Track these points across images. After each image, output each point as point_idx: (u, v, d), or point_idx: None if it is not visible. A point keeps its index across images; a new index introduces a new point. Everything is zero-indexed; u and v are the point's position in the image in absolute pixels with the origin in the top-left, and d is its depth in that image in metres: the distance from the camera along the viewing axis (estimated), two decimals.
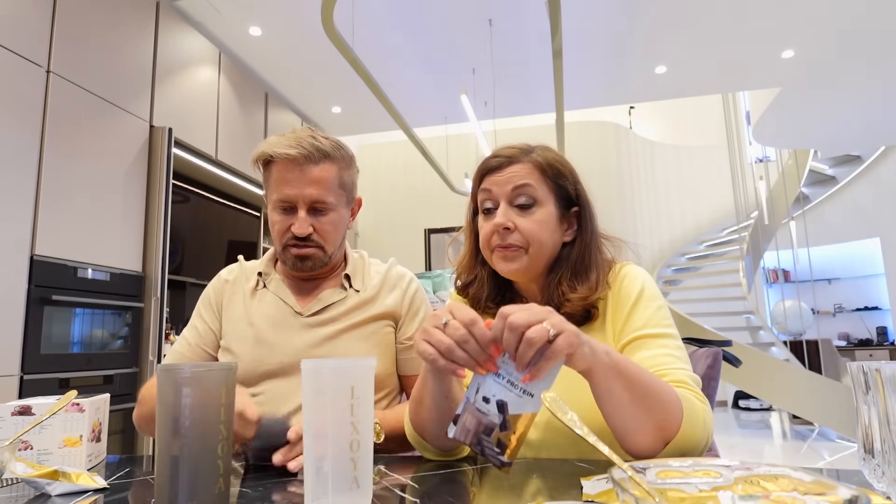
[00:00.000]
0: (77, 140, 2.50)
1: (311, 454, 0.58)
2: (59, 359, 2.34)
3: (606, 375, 0.70)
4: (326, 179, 1.06)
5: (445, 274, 3.18)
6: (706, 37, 4.14)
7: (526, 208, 0.92)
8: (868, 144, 7.25)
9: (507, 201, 0.92)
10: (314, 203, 1.06)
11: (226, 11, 3.59)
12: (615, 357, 0.71)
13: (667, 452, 0.73)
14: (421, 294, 1.21)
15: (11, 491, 0.72)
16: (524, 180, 0.92)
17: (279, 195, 1.06)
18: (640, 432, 0.71)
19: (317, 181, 1.05)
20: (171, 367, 0.61)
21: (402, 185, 6.92)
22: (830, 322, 8.42)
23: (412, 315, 1.17)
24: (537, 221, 0.91)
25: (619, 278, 0.93)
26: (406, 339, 1.16)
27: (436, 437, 0.82)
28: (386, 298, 1.16)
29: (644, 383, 0.72)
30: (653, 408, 0.71)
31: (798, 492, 0.42)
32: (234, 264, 1.23)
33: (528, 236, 0.91)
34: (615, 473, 0.44)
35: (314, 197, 1.05)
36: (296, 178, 1.05)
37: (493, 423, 0.68)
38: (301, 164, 1.05)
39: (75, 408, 0.83)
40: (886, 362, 0.50)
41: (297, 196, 1.05)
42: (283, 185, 1.05)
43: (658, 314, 0.89)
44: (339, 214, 1.10)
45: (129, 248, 2.75)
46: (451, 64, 4.40)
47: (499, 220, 0.91)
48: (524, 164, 0.93)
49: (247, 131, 3.92)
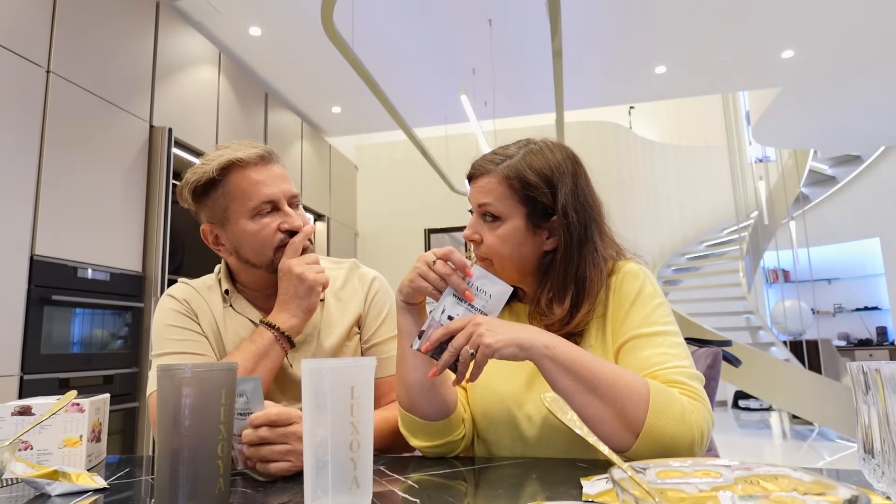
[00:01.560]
0: (77, 140, 2.50)
1: (312, 454, 0.58)
2: (59, 359, 2.34)
3: (547, 368, 0.77)
4: (289, 176, 1.07)
5: None
6: (706, 37, 4.14)
7: (492, 222, 0.92)
8: (868, 144, 7.25)
9: (477, 213, 0.93)
10: (293, 197, 1.05)
11: (226, 11, 3.59)
12: (557, 350, 0.76)
13: (644, 447, 0.73)
14: (384, 294, 1.16)
15: (11, 491, 0.72)
16: (486, 198, 0.91)
17: (259, 199, 1.01)
18: (601, 423, 0.74)
19: (287, 177, 1.06)
20: (171, 367, 0.61)
21: (402, 185, 6.92)
22: (830, 322, 8.42)
23: (375, 315, 1.12)
24: (499, 237, 0.91)
25: (620, 277, 0.92)
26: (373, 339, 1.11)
27: (423, 399, 0.87)
28: (351, 300, 1.12)
29: (595, 375, 0.75)
30: (607, 397, 0.74)
31: (798, 492, 0.42)
32: (177, 286, 1.12)
33: (490, 250, 0.92)
34: (615, 473, 0.44)
35: (291, 191, 1.05)
36: (269, 178, 1.02)
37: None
38: (268, 161, 1.03)
39: (75, 408, 0.83)
40: (886, 362, 0.50)
41: (279, 192, 1.02)
42: (260, 187, 1.01)
43: (656, 312, 0.88)
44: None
45: (129, 248, 2.75)
46: (451, 64, 4.40)
47: (466, 232, 0.95)
48: (491, 176, 0.91)
49: (247, 131, 3.92)
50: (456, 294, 0.84)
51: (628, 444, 0.74)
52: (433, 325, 0.82)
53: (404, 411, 0.90)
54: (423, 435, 0.89)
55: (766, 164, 8.41)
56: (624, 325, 0.89)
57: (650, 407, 0.74)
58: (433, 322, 0.83)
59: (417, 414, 0.88)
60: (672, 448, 0.73)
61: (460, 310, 0.83)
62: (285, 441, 0.75)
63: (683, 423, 0.74)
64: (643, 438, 0.73)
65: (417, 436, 0.89)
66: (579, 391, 0.75)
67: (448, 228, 6.72)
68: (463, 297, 0.83)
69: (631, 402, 0.74)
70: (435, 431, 0.88)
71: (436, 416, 0.88)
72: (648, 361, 0.83)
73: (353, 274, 1.16)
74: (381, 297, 1.14)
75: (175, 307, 1.07)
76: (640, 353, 0.85)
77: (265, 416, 0.75)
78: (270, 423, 0.75)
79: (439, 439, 0.89)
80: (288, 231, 1.03)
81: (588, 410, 0.75)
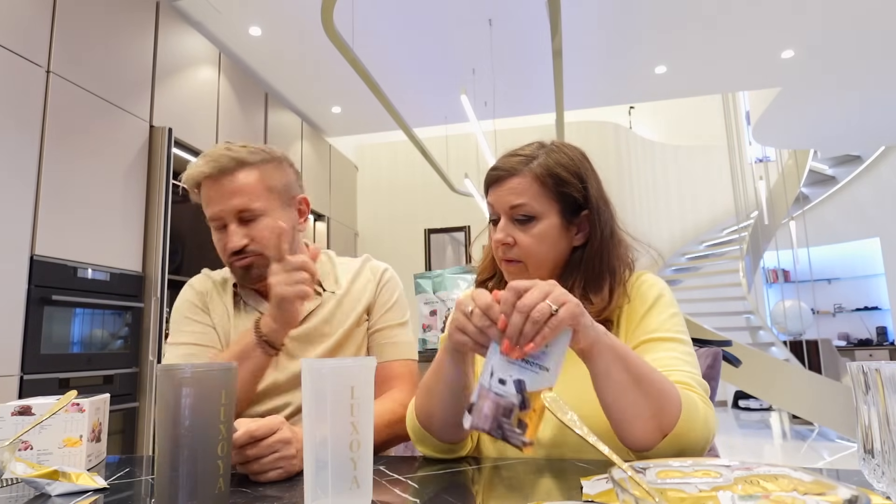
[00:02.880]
0: (77, 140, 2.50)
1: (312, 454, 0.58)
2: (59, 359, 2.34)
3: (606, 355, 0.71)
4: (247, 186, 1.03)
5: (445, 274, 3.17)
6: (706, 37, 4.14)
7: (525, 223, 0.91)
8: (868, 144, 7.25)
9: (507, 216, 0.92)
10: (241, 213, 1.03)
11: (226, 11, 3.59)
12: (615, 340, 0.73)
13: (665, 448, 0.73)
14: (394, 283, 1.18)
15: (11, 491, 0.72)
16: (520, 199, 0.90)
17: (208, 215, 1.05)
18: (637, 419, 0.72)
19: (238, 191, 1.02)
20: (171, 367, 0.61)
21: (402, 185, 6.92)
22: (830, 322, 8.42)
23: (382, 302, 1.15)
24: (535, 236, 0.90)
25: (637, 286, 0.93)
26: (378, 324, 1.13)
27: (444, 428, 0.83)
28: (363, 294, 1.14)
29: (643, 369, 0.73)
30: (651, 394, 0.72)
31: (798, 492, 0.42)
32: (199, 276, 1.18)
33: (526, 252, 0.91)
34: (615, 473, 0.44)
35: (238, 206, 1.02)
36: (216, 195, 1.03)
37: (511, 403, 0.68)
38: (217, 178, 1.03)
39: (75, 408, 0.83)
40: (886, 362, 0.50)
41: (222, 211, 1.03)
42: (209, 205, 1.04)
43: (672, 320, 0.89)
44: (273, 218, 1.04)
45: (129, 248, 2.75)
46: (451, 64, 4.40)
47: (498, 235, 0.91)
48: (523, 176, 0.91)
49: (247, 131, 3.92)
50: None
51: (654, 443, 0.73)
52: (483, 393, 0.69)
53: (419, 426, 0.86)
54: (432, 447, 0.87)
55: (766, 164, 8.42)
56: (639, 328, 0.89)
57: (682, 409, 0.73)
58: (482, 389, 0.69)
59: (433, 434, 0.85)
60: (687, 450, 0.73)
61: (514, 369, 0.69)
62: (273, 451, 0.75)
63: (705, 428, 0.75)
64: (669, 439, 0.72)
65: (425, 445, 0.87)
66: (629, 385, 0.72)
67: (448, 228, 6.72)
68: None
69: (669, 402, 0.73)
70: (446, 448, 0.87)
71: (451, 440, 0.86)
72: (661, 363, 0.83)
73: (366, 266, 1.19)
74: (391, 286, 1.17)
75: (191, 298, 1.13)
76: (654, 355, 0.85)
77: (247, 434, 0.74)
78: (253, 439, 0.74)
79: (448, 453, 0.87)
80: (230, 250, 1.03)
81: (631, 406, 0.72)
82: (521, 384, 0.68)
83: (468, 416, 0.69)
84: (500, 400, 0.68)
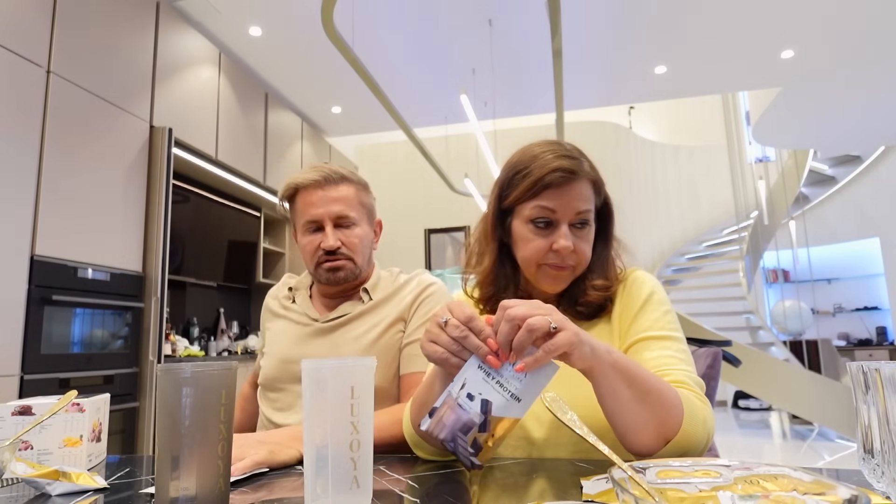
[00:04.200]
0: (77, 140, 2.50)
1: (312, 454, 0.58)
2: (59, 359, 2.34)
3: (608, 374, 0.70)
4: (347, 197, 1.18)
5: (445, 274, 3.17)
6: (706, 37, 4.14)
7: (581, 228, 0.89)
8: (868, 144, 7.25)
9: (568, 222, 0.88)
10: (339, 218, 1.17)
11: (226, 11, 3.59)
12: (616, 356, 0.72)
13: (667, 451, 0.73)
14: (437, 297, 1.21)
15: (11, 491, 0.72)
16: (587, 204, 0.88)
17: (307, 217, 1.17)
18: (642, 430, 0.72)
19: (338, 199, 1.17)
20: (171, 367, 0.61)
21: (402, 185, 6.92)
22: (830, 322, 8.42)
23: (420, 315, 1.19)
24: (588, 241, 0.91)
25: (629, 283, 0.93)
26: (412, 336, 1.17)
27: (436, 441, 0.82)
28: (400, 303, 1.20)
29: (646, 382, 0.73)
30: (655, 406, 0.72)
31: (798, 492, 0.42)
32: (281, 281, 1.36)
33: (582, 257, 0.90)
34: (615, 473, 0.44)
35: (338, 212, 1.16)
36: (319, 199, 1.16)
37: (472, 421, 0.66)
38: (322, 185, 1.17)
39: (75, 408, 0.83)
40: (886, 362, 0.50)
41: (324, 214, 1.16)
42: (310, 208, 1.17)
43: (664, 318, 0.89)
44: (363, 230, 1.20)
45: (129, 248, 2.75)
46: (451, 64, 4.40)
47: (566, 243, 0.86)
48: (583, 181, 0.88)
49: (247, 131, 3.92)
50: (482, 366, 0.67)
51: (657, 449, 0.73)
52: (448, 401, 0.66)
53: (416, 436, 0.85)
54: (428, 452, 0.87)
55: (766, 164, 8.42)
56: (633, 327, 0.89)
57: (685, 415, 0.73)
58: (449, 397, 0.66)
59: (428, 442, 0.85)
60: (688, 451, 0.74)
61: (487, 388, 0.66)
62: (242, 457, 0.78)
63: (705, 429, 0.76)
64: (672, 444, 0.73)
65: (422, 450, 0.87)
66: (633, 399, 0.71)
67: (448, 228, 6.73)
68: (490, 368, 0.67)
69: (673, 411, 0.73)
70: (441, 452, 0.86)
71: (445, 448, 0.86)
72: (656, 362, 0.83)
73: (414, 280, 1.26)
74: (431, 300, 1.22)
75: (265, 304, 1.33)
76: (649, 354, 0.85)
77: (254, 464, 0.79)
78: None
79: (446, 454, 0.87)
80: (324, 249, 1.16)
81: (635, 418, 0.71)
82: (488, 405, 0.66)
83: (428, 419, 0.67)
84: (462, 414, 0.66)
